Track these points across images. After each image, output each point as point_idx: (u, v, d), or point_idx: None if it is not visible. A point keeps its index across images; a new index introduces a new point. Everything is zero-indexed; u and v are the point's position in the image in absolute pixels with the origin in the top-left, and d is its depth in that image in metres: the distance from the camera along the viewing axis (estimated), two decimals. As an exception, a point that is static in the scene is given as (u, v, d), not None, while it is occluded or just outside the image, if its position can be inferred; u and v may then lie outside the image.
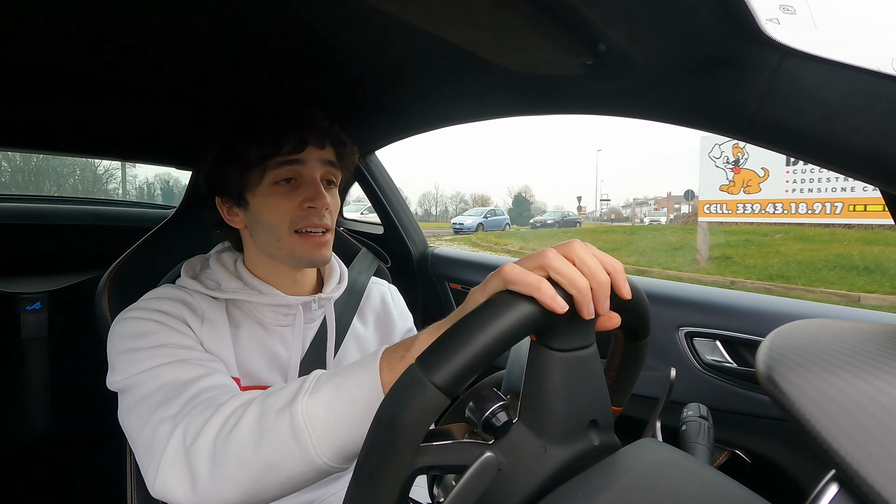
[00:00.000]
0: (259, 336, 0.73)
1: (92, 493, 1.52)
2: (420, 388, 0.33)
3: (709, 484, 0.37)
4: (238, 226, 0.75)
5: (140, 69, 0.81)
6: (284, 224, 0.70)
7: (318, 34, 0.71)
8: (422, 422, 0.33)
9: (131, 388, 0.58)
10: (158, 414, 0.54)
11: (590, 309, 0.39)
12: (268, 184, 0.70)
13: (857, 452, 0.25)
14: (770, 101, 0.51)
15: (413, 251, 1.59)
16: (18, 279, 1.56)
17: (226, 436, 0.49)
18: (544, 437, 0.39)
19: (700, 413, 0.56)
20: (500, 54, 0.64)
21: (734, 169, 5.87)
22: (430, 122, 1.13)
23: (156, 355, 0.60)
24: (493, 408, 0.38)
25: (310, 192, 0.70)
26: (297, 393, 0.49)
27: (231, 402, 0.53)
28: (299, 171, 0.71)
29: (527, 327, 0.37)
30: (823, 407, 0.28)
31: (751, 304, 0.96)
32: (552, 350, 0.40)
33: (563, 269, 0.39)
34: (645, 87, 0.64)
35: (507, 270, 0.39)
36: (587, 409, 0.41)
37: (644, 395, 0.95)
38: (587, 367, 0.41)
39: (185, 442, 0.51)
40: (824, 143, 0.50)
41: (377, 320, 0.88)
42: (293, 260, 0.72)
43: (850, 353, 0.34)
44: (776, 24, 0.49)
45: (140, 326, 0.63)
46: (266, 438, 0.48)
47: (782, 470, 0.89)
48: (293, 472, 0.48)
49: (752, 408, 0.90)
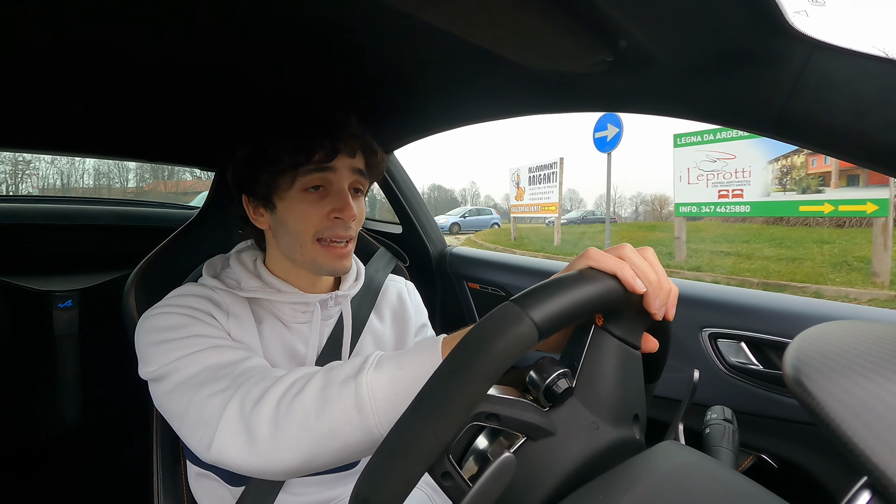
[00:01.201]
0: (279, 332, 0.74)
1: (121, 488, 1.57)
2: (517, 320, 0.34)
3: (733, 488, 0.36)
4: (262, 226, 0.76)
5: (166, 73, 0.83)
6: (309, 232, 0.71)
7: (338, 36, 0.71)
8: (514, 352, 0.33)
9: (169, 375, 0.60)
10: (205, 390, 0.56)
11: (657, 304, 0.43)
12: (297, 190, 0.70)
13: (891, 459, 0.24)
14: (798, 96, 0.50)
15: (432, 251, 1.60)
16: (50, 278, 1.62)
17: (289, 402, 0.52)
18: (597, 415, 0.40)
19: (724, 416, 0.55)
20: (520, 52, 0.64)
21: (518, 188, 11.70)
22: (448, 121, 1.13)
23: (190, 344, 0.61)
24: (556, 374, 0.39)
25: (338, 203, 0.70)
26: (361, 367, 0.52)
27: (291, 374, 0.56)
28: (329, 179, 0.71)
29: (609, 298, 0.40)
30: (855, 411, 0.27)
31: (778, 304, 0.93)
32: (614, 337, 0.43)
33: (639, 262, 0.43)
34: (667, 83, 0.63)
35: (591, 252, 0.44)
36: (633, 403, 0.43)
37: (667, 397, 0.94)
38: (635, 365, 0.44)
39: (243, 409, 0.53)
40: (856, 139, 0.48)
41: (393, 316, 0.89)
42: (314, 267, 0.73)
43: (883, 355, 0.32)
44: (804, 17, 0.47)
45: (170, 320, 0.64)
46: (329, 407, 0.50)
47: (811, 476, 0.87)
48: (351, 441, 0.50)
49: (779, 411, 0.88)
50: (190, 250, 0.91)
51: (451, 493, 0.35)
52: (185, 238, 0.93)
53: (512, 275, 1.42)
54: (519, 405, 0.38)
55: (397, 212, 1.61)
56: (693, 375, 0.53)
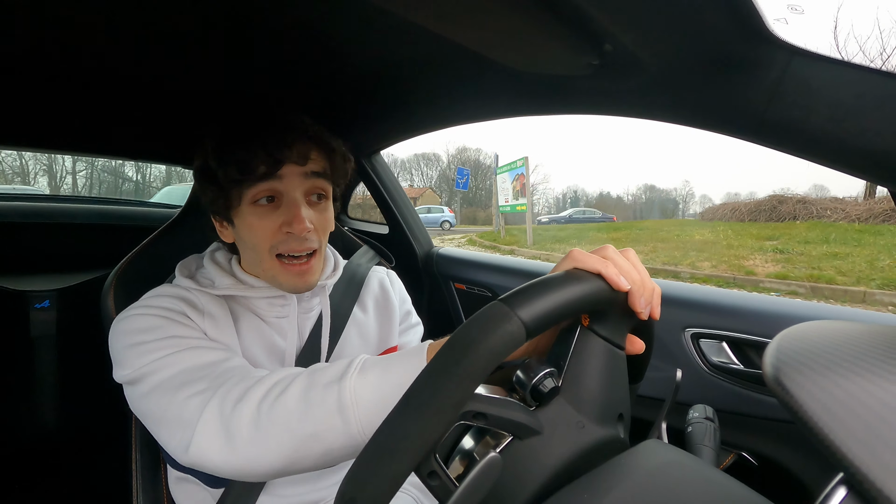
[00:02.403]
0: (258, 328, 0.73)
1: (99, 491, 1.54)
2: (505, 318, 0.34)
3: (714, 486, 0.36)
4: (228, 240, 0.74)
5: (140, 66, 0.81)
6: (264, 247, 0.67)
7: (323, 35, 0.71)
8: (501, 351, 0.33)
9: (145, 377, 0.58)
10: (183, 392, 0.55)
11: (642, 302, 0.43)
12: (247, 203, 0.66)
13: (866, 456, 0.24)
14: (779, 101, 0.51)
15: (418, 251, 1.60)
16: (27, 277, 1.58)
17: (271, 403, 0.51)
18: (583, 414, 0.41)
19: (706, 415, 0.56)
20: (506, 54, 0.64)
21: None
22: (434, 122, 1.13)
23: (166, 346, 0.60)
24: (543, 373, 0.40)
25: (288, 215, 0.66)
26: (345, 371, 0.51)
27: (273, 375, 0.55)
28: (277, 188, 0.66)
29: (595, 297, 0.41)
30: (832, 409, 0.28)
31: (758, 305, 0.95)
32: (600, 337, 0.43)
33: (622, 262, 0.44)
34: (652, 87, 0.64)
35: (575, 253, 0.44)
36: (618, 402, 0.44)
37: (650, 396, 0.95)
38: (620, 365, 0.45)
39: (222, 410, 0.52)
40: (834, 144, 0.49)
41: (377, 306, 0.88)
42: (276, 284, 0.71)
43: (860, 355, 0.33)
44: (784, 24, 0.48)
45: (144, 322, 0.63)
46: (312, 410, 0.50)
47: (789, 473, 0.89)
48: (333, 445, 0.50)
49: (759, 410, 0.89)
50: (171, 250, 0.90)
51: (437, 492, 0.35)
52: (166, 237, 0.91)
53: (499, 275, 1.42)
54: (506, 404, 0.38)
55: (384, 212, 1.60)
56: (676, 375, 0.53)
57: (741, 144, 13.59)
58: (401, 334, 0.89)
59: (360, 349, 0.81)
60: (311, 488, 0.75)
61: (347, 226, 1.73)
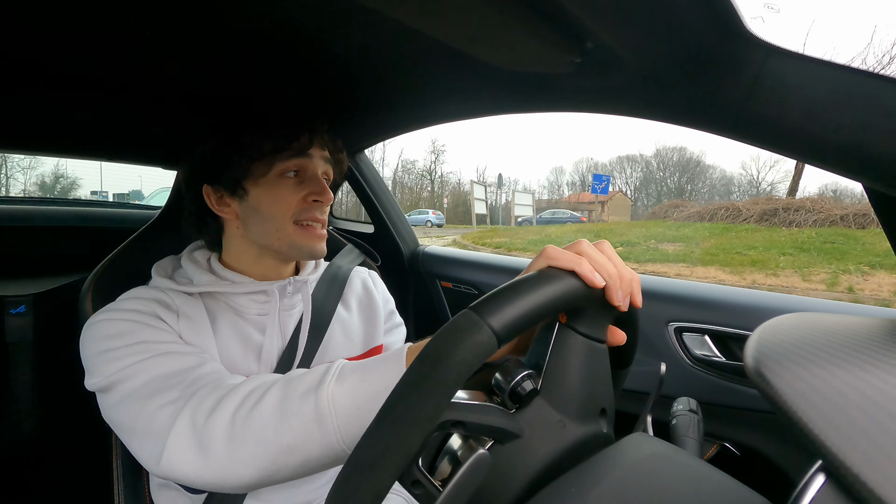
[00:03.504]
0: (237, 326, 0.72)
1: (80, 498, 1.50)
2: (475, 328, 0.34)
3: (699, 476, 0.37)
4: (228, 216, 0.75)
5: (122, 66, 0.80)
6: (287, 215, 0.72)
7: (305, 33, 0.70)
8: (473, 361, 0.33)
9: (115, 385, 0.57)
10: (154, 402, 0.54)
11: (619, 295, 0.43)
12: (275, 175, 0.73)
13: (842, 443, 0.25)
14: (756, 98, 0.52)
15: (404, 250, 1.59)
16: (2, 282, 1.53)
17: (245, 414, 0.50)
18: (563, 413, 0.41)
19: (690, 407, 0.57)
20: (489, 52, 0.64)
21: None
22: (418, 120, 1.13)
23: (136, 352, 0.59)
24: (521, 376, 0.40)
25: (315, 187, 0.74)
26: (322, 379, 0.50)
27: (247, 383, 0.54)
28: (306, 165, 0.75)
29: (569, 296, 0.40)
30: (810, 399, 0.28)
31: (739, 298, 0.97)
32: (578, 333, 0.43)
33: (597, 255, 0.43)
34: (633, 84, 0.65)
35: (548, 250, 0.43)
36: (600, 397, 0.44)
37: (635, 389, 0.96)
38: (602, 359, 0.45)
39: (194, 421, 0.51)
40: (809, 140, 0.50)
41: (360, 305, 0.89)
42: (292, 250, 0.74)
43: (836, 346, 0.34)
44: (761, 22, 0.49)
45: (114, 327, 0.61)
46: (288, 421, 0.48)
47: (771, 461, 0.91)
48: (311, 455, 0.49)
49: (741, 401, 0.91)
50: (150, 252, 0.88)
51: (422, 500, 0.35)
52: (146, 239, 0.90)
53: (485, 273, 1.43)
54: (484, 410, 0.37)
55: (369, 211, 1.59)
56: (660, 369, 0.54)
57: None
58: (385, 334, 0.89)
59: (345, 347, 0.81)
60: (298, 492, 0.74)
61: (333, 225, 1.71)
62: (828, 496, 0.26)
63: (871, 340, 0.35)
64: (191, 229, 0.80)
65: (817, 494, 0.26)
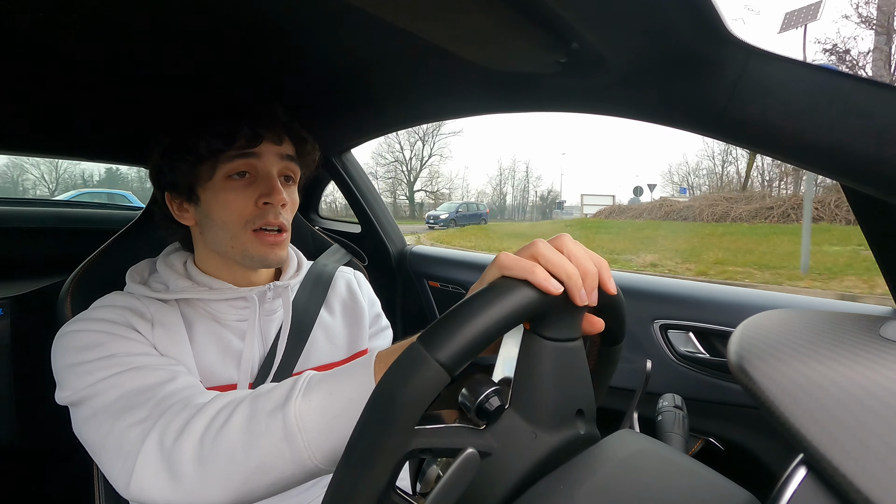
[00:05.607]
0: (216, 333, 0.70)
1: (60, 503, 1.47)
2: (423, 364, 0.33)
3: (684, 472, 0.38)
4: (188, 223, 0.72)
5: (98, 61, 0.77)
6: (238, 221, 0.67)
7: (290, 31, 0.69)
8: (423, 398, 0.33)
9: (85, 400, 0.55)
10: (124, 420, 0.52)
11: (581, 295, 0.40)
12: (220, 178, 0.67)
13: (823, 437, 0.25)
14: (737, 99, 0.53)
15: (391, 250, 1.59)
16: None
17: (213, 436, 0.48)
18: (534, 423, 0.39)
19: (675, 403, 0.58)
20: (475, 52, 0.64)
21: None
22: (404, 119, 1.12)
23: (106, 366, 0.57)
24: (487, 392, 0.38)
25: (265, 188, 0.68)
26: (288, 395, 0.48)
27: (215, 402, 0.52)
28: (254, 164, 0.68)
29: (525, 309, 0.37)
30: (791, 394, 0.29)
31: (722, 296, 0.98)
32: (544, 339, 0.41)
33: (553, 257, 0.40)
34: (617, 84, 0.65)
35: (501, 258, 0.40)
36: (575, 399, 0.42)
37: (621, 387, 0.97)
38: (575, 358, 0.42)
39: (163, 443, 0.49)
40: (789, 140, 0.51)
41: (344, 308, 0.86)
42: (246, 259, 0.69)
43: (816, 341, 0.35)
44: (742, 24, 0.50)
45: (84, 339, 0.59)
46: (257, 440, 0.47)
47: (754, 456, 0.92)
48: (283, 474, 0.47)
49: (725, 397, 0.93)
50: (131, 254, 0.86)
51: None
52: (126, 241, 0.88)
53: (472, 272, 1.43)
54: (450, 432, 0.37)
55: (356, 211, 1.58)
56: (646, 366, 0.55)
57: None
58: (370, 338, 0.87)
59: (328, 352, 0.79)
60: (286, 496, 0.73)
61: (318, 225, 1.70)
62: (809, 489, 0.26)
63: (850, 336, 0.36)
64: (166, 232, 0.77)
65: (799, 487, 0.26)
